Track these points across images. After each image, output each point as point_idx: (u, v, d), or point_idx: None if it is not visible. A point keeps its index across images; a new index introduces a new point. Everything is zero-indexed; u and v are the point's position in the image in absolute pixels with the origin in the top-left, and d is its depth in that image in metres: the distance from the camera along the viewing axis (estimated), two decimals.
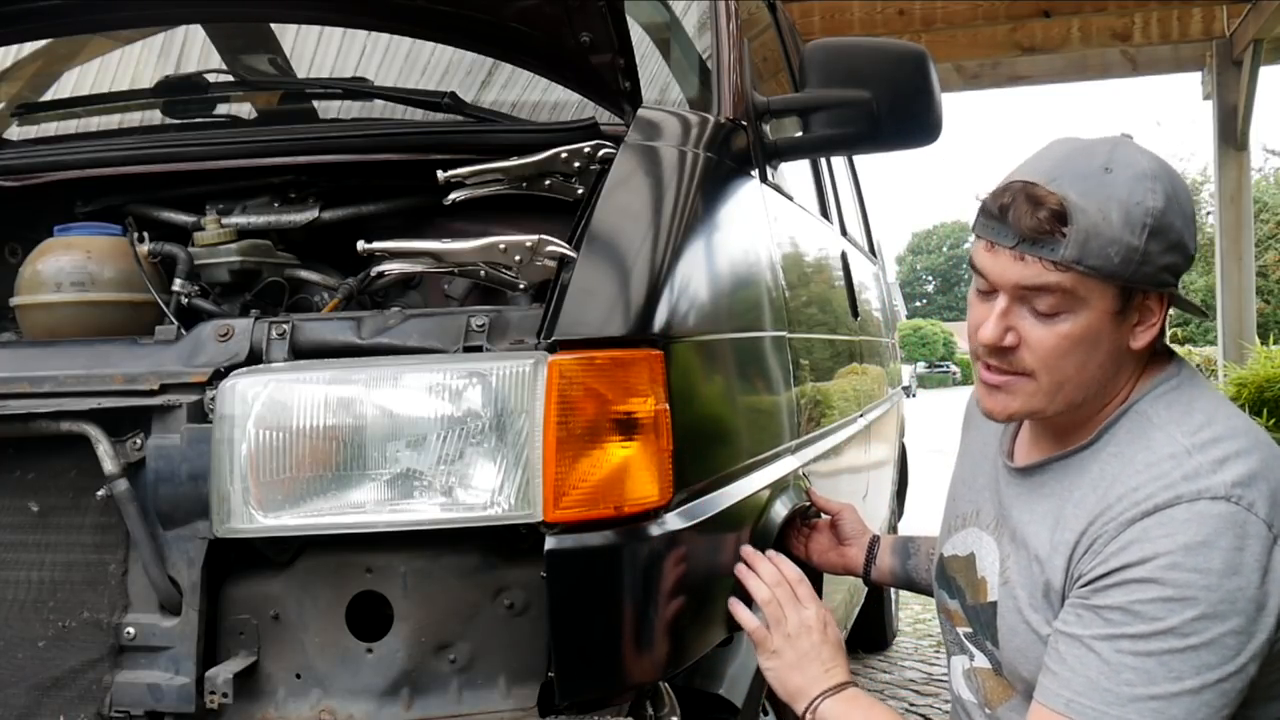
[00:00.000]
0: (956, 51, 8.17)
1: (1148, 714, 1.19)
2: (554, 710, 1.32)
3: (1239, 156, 8.38)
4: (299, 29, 2.38)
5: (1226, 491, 1.21)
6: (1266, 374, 4.43)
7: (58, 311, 1.57)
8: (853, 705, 1.44)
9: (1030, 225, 1.25)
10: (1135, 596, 1.21)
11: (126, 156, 1.74)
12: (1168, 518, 1.22)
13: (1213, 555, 1.19)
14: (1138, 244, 1.25)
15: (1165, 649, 1.19)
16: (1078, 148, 1.31)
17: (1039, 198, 1.25)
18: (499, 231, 1.48)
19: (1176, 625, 1.19)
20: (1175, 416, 1.30)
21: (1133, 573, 1.22)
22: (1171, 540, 1.21)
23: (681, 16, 2.26)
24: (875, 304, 3.72)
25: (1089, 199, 1.25)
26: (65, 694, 1.38)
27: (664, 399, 1.35)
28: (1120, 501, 1.26)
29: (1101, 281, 1.26)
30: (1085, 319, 1.28)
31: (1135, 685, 1.19)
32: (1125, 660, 1.20)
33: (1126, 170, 1.27)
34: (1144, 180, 1.27)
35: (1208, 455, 1.25)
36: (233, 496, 1.33)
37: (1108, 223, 1.24)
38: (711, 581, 1.50)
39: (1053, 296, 1.27)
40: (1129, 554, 1.23)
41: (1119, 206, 1.25)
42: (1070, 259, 1.24)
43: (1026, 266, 1.27)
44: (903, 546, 1.86)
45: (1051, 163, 1.30)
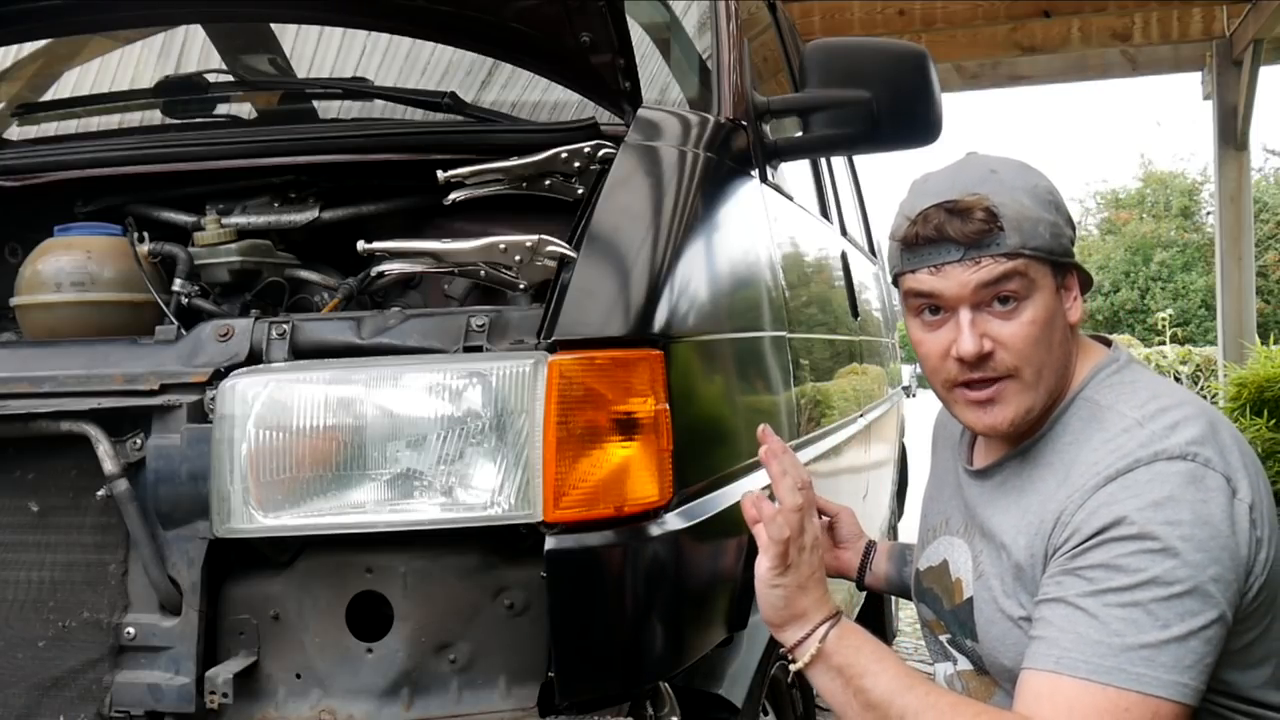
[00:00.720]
0: (956, 51, 8.17)
1: (1139, 663, 1.20)
2: (554, 710, 1.32)
3: (1239, 156, 8.38)
4: (299, 29, 2.38)
5: (1182, 450, 1.26)
6: (1266, 374, 4.42)
7: (58, 311, 1.57)
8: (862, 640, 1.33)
9: (971, 231, 1.32)
10: (1115, 552, 1.23)
11: (127, 156, 1.74)
12: (1130, 480, 1.26)
13: (1180, 507, 1.22)
14: (1052, 218, 1.36)
15: (1151, 598, 1.21)
16: (949, 170, 1.41)
17: (963, 208, 1.33)
18: (499, 231, 1.48)
19: (1159, 574, 1.21)
20: (1122, 395, 1.36)
21: (1108, 533, 1.24)
22: (1138, 499, 1.24)
23: (681, 16, 2.26)
24: (875, 304, 3.72)
25: (999, 195, 1.34)
26: (65, 694, 1.38)
27: (664, 399, 1.35)
28: (1081, 476, 1.30)
29: (1041, 262, 1.35)
30: (1040, 301, 1.35)
31: (1125, 635, 1.21)
32: (1113, 612, 1.22)
33: (1002, 168, 1.38)
34: (1020, 169, 1.39)
35: (1159, 423, 1.29)
36: (233, 496, 1.33)
37: (1026, 208, 1.34)
38: (711, 581, 1.50)
39: (1013, 283, 1.34)
40: (1099, 518, 1.26)
41: (1025, 192, 1.35)
42: (1016, 246, 1.33)
43: (979, 268, 1.33)
44: (899, 553, 1.86)
45: (941, 187, 1.37)
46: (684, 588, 1.39)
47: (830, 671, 1.31)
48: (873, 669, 1.29)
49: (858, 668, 1.30)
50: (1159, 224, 32.10)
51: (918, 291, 1.38)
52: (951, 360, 1.37)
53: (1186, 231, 31.45)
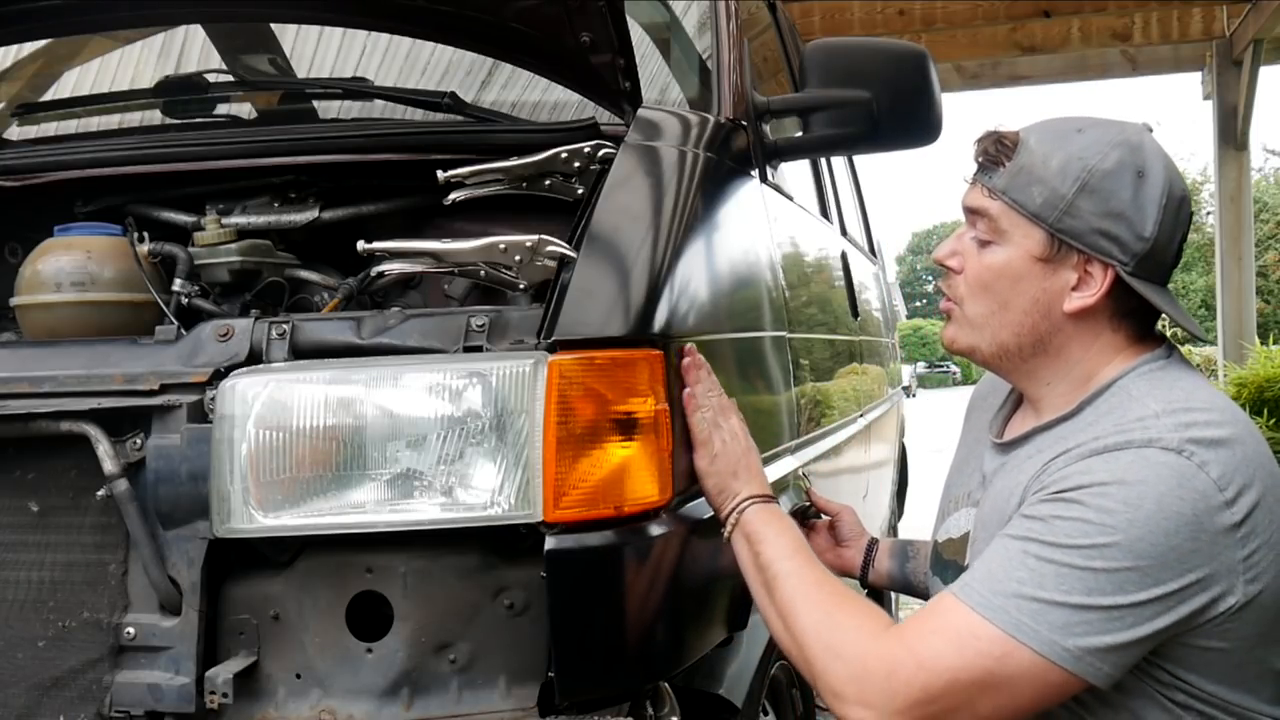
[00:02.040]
0: (956, 51, 8.18)
1: (1026, 613, 1.20)
2: (554, 710, 1.32)
3: (1239, 156, 8.39)
4: (299, 29, 2.38)
5: (1179, 445, 1.23)
6: (1266, 374, 4.43)
7: (58, 311, 1.57)
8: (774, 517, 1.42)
9: (980, 151, 1.39)
10: (1058, 512, 1.24)
11: (127, 156, 1.74)
12: (1113, 457, 1.25)
13: (1144, 494, 1.20)
14: (1065, 193, 1.32)
15: (1065, 562, 1.21)
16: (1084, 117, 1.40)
17: (1003, 133, 1.38)
18: (499, 231, 1.48)
19: (1084, 545, 1.20)
20: (1155, 391, 1.32)
21: (1065, 495, 1.25)
22: (1109, 473, 1.23)
23: (681, 16, 2.26)
24: (875, 304, 3.72)
25: (1043, 145, 1.35)
26: (65, 694, 1.38)
27: (664, 399, 1.35)
28: (1079, 447, 1.29)
29: (1025, 220, 1.35)
30: (1007, 253, 1.37)
31: (1024, 584, 1.21)
32: (1026, 562, 1.22)
33: (1097, 134, 1.35)
34: (1104, 146, 1.33)
35: (1175, 419, 1.26)
36: (233, 496, 1.33)
37: (1044, 166, 1.33)
38: (711, 581, 1.50)
39: (984, 221, 1.38)
40: (1067, 481, 1.26)
41: (1063, 156, 1.33)
42: (999, 187, 1.36)
43: (973, 191, 1.41)
44: (901, 550, 1.86)
45: (1052, 119, 1.41)
46: (684, 588, 1.39)
47: (741, 539, 1.42)
48: (771, 537, 1.39)
49: (761, 534, 1.39)
50: None
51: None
52: None
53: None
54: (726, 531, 1.43)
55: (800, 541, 1.41)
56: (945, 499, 1.62)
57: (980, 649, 1.21)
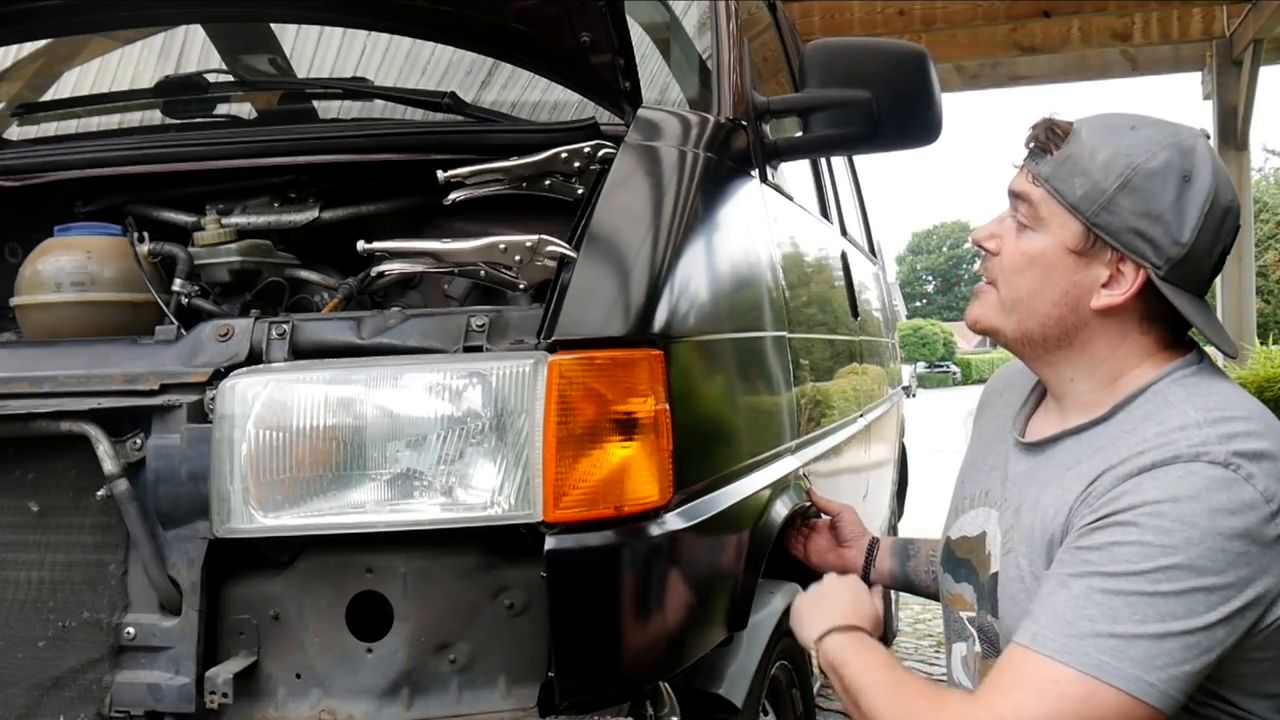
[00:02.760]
0: (956, 51, 8.18)
1: (1105, 651, 1.19)
2: (554, 710, 1.32)
3: (1239, 156, 8.38)
4: (299, 29, 2.38)
5: (1226, 458, 1.22)
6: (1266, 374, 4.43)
7: (58, 311, 1.57)
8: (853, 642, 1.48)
9: (1032, 138, 1.38)
10: (1115, 538, 1.22)
11: (127, 156, 1.74)
12: (1163, 473, 1.23)
13: (1198, 510, 1.20)
14: (1105, 187, 1.31)
15: (1133, 590, 1.19)
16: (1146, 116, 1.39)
17: (1057, 121, 1.37)
18: (499, 231, 1.48)
19: (1148, 570, 1.19)
20: (1192, 397, 1.31)
21: (1117, 517, 1.23)
22: (1160, 491, 1.22)
23: (681, 16, 2.26)
24: (875, 304, 3.72)
25: (1094, 137, 1.34)
26: (65, 694, 1.38)
27: (664, 399, 1.35)
28: (1122, 462, 1.28)
29: (1064, 210, 1.34)
30: (1043, 241, 1.36)
31: (1097, 621, 1.20)
32: (1094, 598, 1.21)
33: (1150, 133, 1.33)
34: (1154, 146, 1.31)
35: (1217, 429, 1.25)
36: (233, 496, 1.33)
37: (1091, 159, 1.32)
38: (711, 581, 1.50)
39: (1025, 206, 1.38)
40: (1117, 503, 1.24)
41: (1111, 151, 1.32)
42: (1043, 174, 1.35)
43: (1019, 175, 1.40)
44: (902, 549, 1.86)
45: (1110, 112, 1.40)
46: (684, 588, 1.39)
47: (827, 667, 1.48)
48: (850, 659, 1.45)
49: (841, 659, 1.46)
50: None
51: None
52: None
53: None
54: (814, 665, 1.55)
55: (878, 657, 1.45)
56: (959, 495, 1.60)
57: (1063, 694, 1.19)
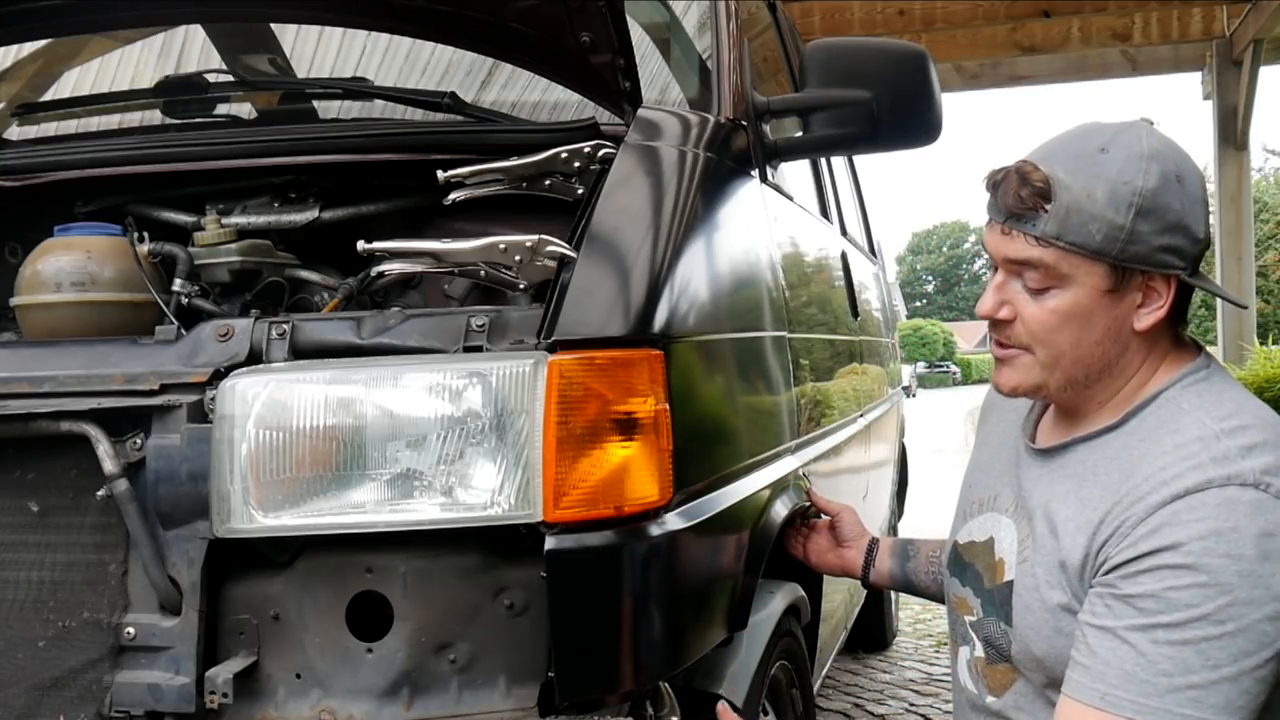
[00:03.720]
0: (956, 51, 8.18)
1: (1186, 704, 1.18)
2: (554, 710, 1.32)
3: (1239, 156, 8.38)
4: (299, 29, 2.37)
5: (1256, 479, 1.22)
6: (1266, 374, 4.43)
7: (58, 311, 1.57)
8: None
9: (1013, 201, 1.30)
10: (1168, 584, 1.20)
11: (126, 156, 1.74)
12: (1199, 502, 1.22)
13: (1244, 541, 1.19)
14: (1123, 222, 1.27)
15: (1201, 636, 1.18)
16: (1088, 129, 1.35)
17: (1026, 174, 1.30)
18: (499, 231, 1.48)
19: (1211, 612, 1.18)
20: (1205, 404, 1.31)
21: (1163, 558, 1.21)
22: (1203, 525, 1.20)
23: (681, 16, 2.26)
24: (875, 304, 3.72)
25: (1076, 177, 1.29)
26: (65, 694, 1.38)
27: (664, 399, 1.35)
28: (1147, 482, 1.26)
29: (1086, 259, 1.29)
30: (1073, 295, 1.31)
31: (1173, 675, 1.19)
32: (1161, 650, 1.19)
33: (1123, 150, 1.29)
34: (1138, 161, 1.29)
35: (1236, 441, 1.25)
36: (233, 496, 1.33)
37: (1091, 200, 1.28)
38: (711, 582, 1.50)
39: (1037, 272, 1.31)
40: (1158, 538, 1.22)
41: (1106, 185, 1.28)
42: (1050, 234, 1.29)
43: (1012, 241, 1.32)
44: (902, 549, 1.86)
45: (1057, 143, 1.34)
46: (684, 588, 1.39)
47: None
48: None
49: None
50: None
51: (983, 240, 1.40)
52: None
53: None
54: None
55: None
56: (966, 500, 1.59)
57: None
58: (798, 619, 1.94)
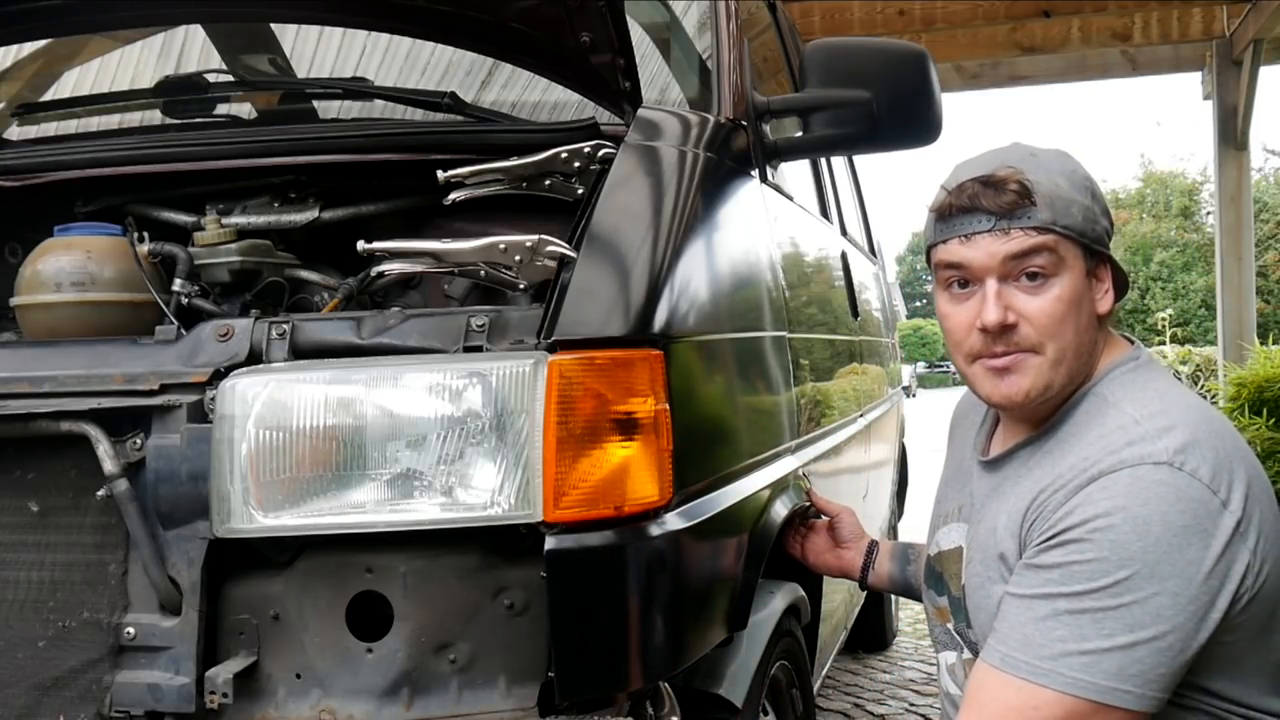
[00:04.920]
0: (956, 51, 8.17)
1: (1078, 668, 1.22)
2: (554, 710, 1.32)
3: (1239, 156, 8.37)
4: (299, 29, 2.37)
5: (1169, 457, 1.25)
6: (1266, 374, 4.42)
7: (58, 311, 1.57)
8: None
9: (1005, 202, 1.35)
10: (1072, 556, 1.25)
11: (127, 156, 1.74)
12: (1110, 481, 1.26)
13: (1151, 518, 1.22)
14: (1088, 202, 1.37)
15: (1098, 607, 1.22)
16: (991, 152, 1.44)
17: (998, 180, 1.36)
18: (499, 231, 1.48)
19: (1108, 585, 1.22)
20: (1130, 394, 1.36)
21: (1073, 534, 1.26)
22: (1111, 502, 1.24)
23: (681, 16, 2.26)
24: (875, 304, 3.72)
25: (1036, 174, 1.36)
26: (65, 694, 1.38)
27: (664, 399, 1.35)
28: (1069, 470, 1.31)
29: (1073, 242, 1.36)
30: (1069, 280, 1.36)
31: (1067, 641, 1.23)
32: (1061, 619, 1.23)
33: (1041, 152, 1.41)
34: (1059, 155, 1.41)
35: (1153, 424, 1.29)
36: (233, 496, 1.33)
37: (1060, 188, 1.36)
38: (711, 581, 1.50)
39: (1041, 258, 1.35)
40: (1072, 516, 1.27)
41: (1061, 174, 1.37)
42: (1048, 221, 1.35)
43: (1011, 239, 1.35)
44: (902, 553, 1.87)
45: (985, 160, 1.41)
46: (684, 588, 1.39)
47: None
48: None
49: None
50: (1159, 224, 32.13)
51: (948, 263, 1.40)
52: (976, 333, 1.38)
53: (1186, 231, 31.49)
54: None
55: None
56: (936, 514, 1.64)
57: (1044, 716, 1.23)
58: (798, 619, 1.94)
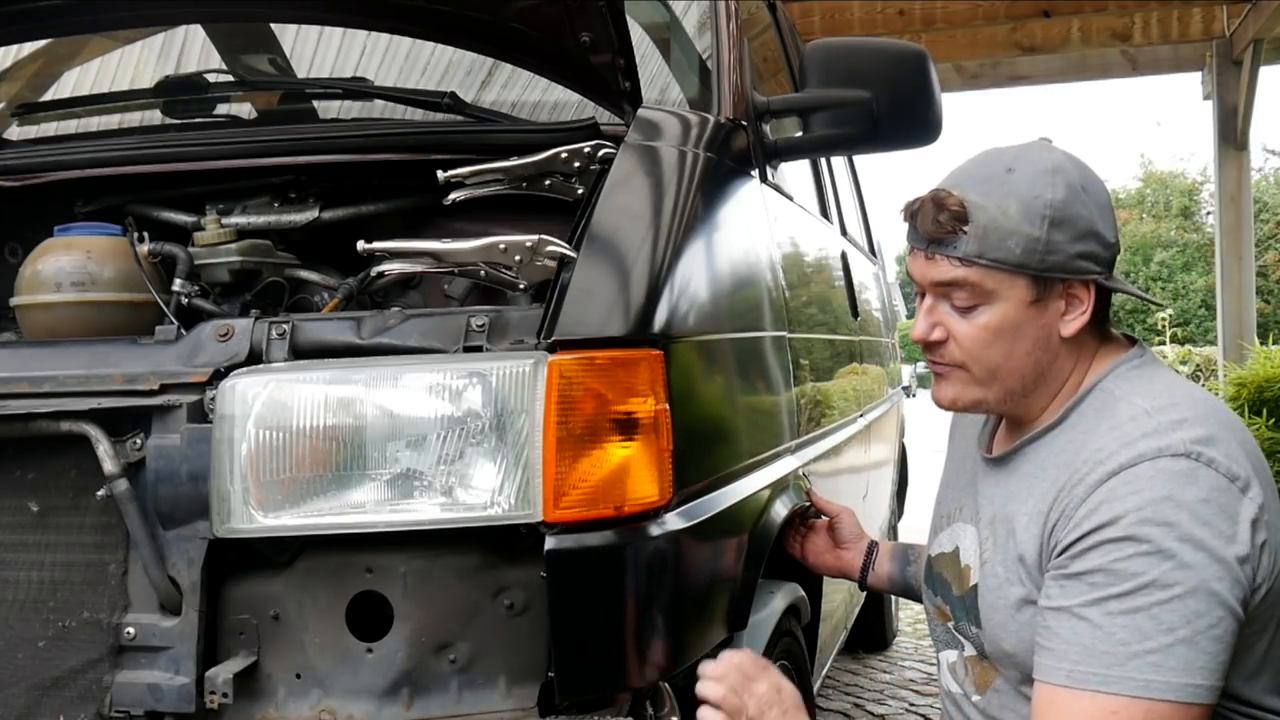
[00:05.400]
0: (956, 51, 8.17)
1: (1147, 669, 1.21)
2: (554, 710, 1.32)
3: (1239, 156, 8.37)
4: (299, 29, 2.38)
5: (1186, 449, 1.26)
6: (1266, 374, 4.42)
7: (58, 311, 1.57)
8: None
9: (932, 228, 1.36)
10: (1113, 556, 1.24)
11: (127, 156, 1.74)
12: (1132, 476, 1.26)
13: (1179, 508, 1.22)
14: (1039, 234, 1.33)
15: (1152, 602, 1.21)
16: (992, 153, 1.42)
17: (941, 201, 1.35)
18: (499, 231, 1.48)
19: (1157, 578, 1.21)
20: (1137, 388, 1.36)
21: (1105, 533, 1.25)
22: (1139, 497, 1.24)
23: (681, 16, 2.26)
24: (875, 304, 3.72)
25: (989, 198, 1.34)
26: (65, 694, 1.38)
27: (664, 399, 1.35)
28: (1085, 464, 1.31)
29: (1008, 273, 1.34)
30: (1000, 310, 1.36)
31: (1130, 643, 1.22)
32: (1116, 621, 1.23)
33: (1029, 168, 1.36)
34: (1044, 175, 1.35)
35: (1166, 416, 1.30)
36: (233, 496, 1.33)
37: (1006, 217, 1.33)
38: (711, 581, 1.50)
39: (964, 291, 1.37)
40: (1099, 515, 1.26)
41: (1017, 201, 1.33)
42: (972, 254, 1.34)
43: (936, 265, 1.38)
44: (902, 553, 1.87)
45: (965, 168, 1.41)
46: (684, 588, 1.39)
47: None
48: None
49: None
50: (1159, 224, 32.16)
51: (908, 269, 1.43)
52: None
53: (1186, 231, 31.51)
54: None
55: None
56: (937, 514, 1.64)
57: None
58: (798, 619, 1.94)
